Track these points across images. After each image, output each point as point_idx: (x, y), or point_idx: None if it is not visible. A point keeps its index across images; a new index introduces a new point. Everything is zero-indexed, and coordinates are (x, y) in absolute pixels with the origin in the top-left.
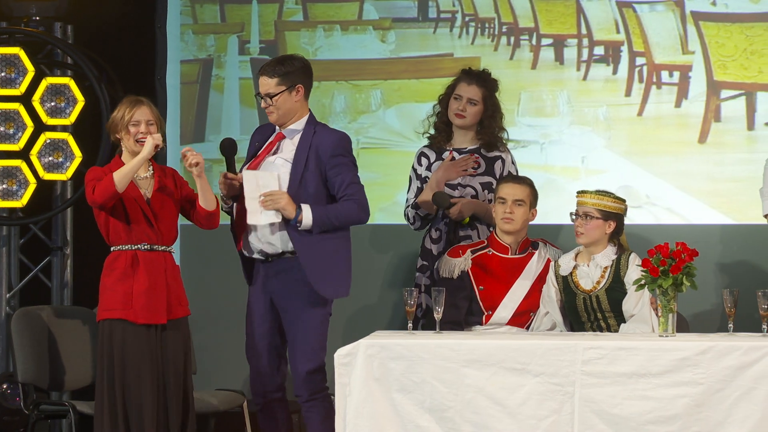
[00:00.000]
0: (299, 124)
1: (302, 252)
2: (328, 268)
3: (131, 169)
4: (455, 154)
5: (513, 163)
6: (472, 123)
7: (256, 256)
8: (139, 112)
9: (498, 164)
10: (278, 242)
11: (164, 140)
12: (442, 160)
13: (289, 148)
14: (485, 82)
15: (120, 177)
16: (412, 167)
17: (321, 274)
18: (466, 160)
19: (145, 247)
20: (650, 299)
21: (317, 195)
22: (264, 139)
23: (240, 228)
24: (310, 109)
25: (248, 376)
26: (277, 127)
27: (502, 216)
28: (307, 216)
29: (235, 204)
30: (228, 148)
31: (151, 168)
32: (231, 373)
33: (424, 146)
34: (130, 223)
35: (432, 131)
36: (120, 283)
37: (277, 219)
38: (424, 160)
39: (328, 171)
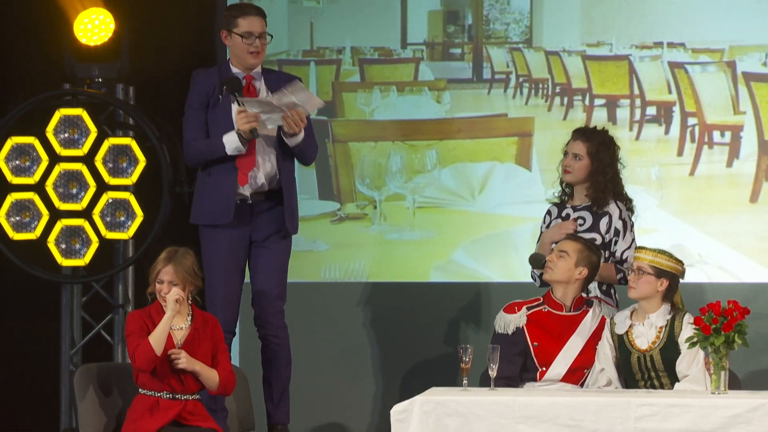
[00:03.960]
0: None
1: (285, 187)
2: (294, 206)
3: (163, 330)
4: (570, 211)
5: (622, 218)
6: (579, 178)
7: (249, 193)
8: (164, 272)
9: (605, 220)
10: (273, 181)
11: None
12: (561, 218)
13: (262, 88)
14: (589, 137)
15: (156, 341)
16: (540, 226)
17: (291, 211)
18: (567, 225)
19: (167, 395)
20: (704, 360)
21: None
22: (213, 85)
23: (247, 167)
24: None
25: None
26: (234, 69)
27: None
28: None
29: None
30: (234, 84)
31: (189, 318)
32: None
33: (551, 203)
34: (156, 372)
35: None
36: (133, 424)
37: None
38: (547, 218)
39: None
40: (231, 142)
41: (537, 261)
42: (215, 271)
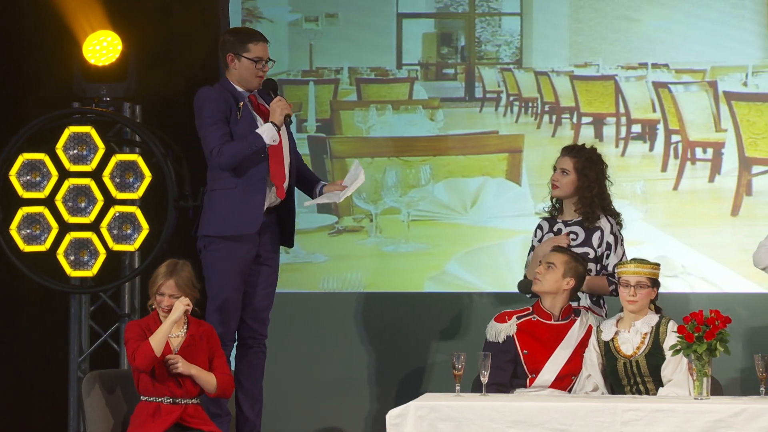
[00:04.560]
0: None
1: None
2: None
3: (164, 333)
4: (562, 226)
5: (613, 233)
6: (567, 193)
7: (267, 206)
8: (166, 286)
9: (596, 235)
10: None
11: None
12: (553, 232)
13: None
14: (577, 153)
15: (156, 342)
16: (531, 240)
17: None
18: (560, 239)
19: (168, 400)
20: (687, 365)
21: None
22: (228, 102)
23: (281, 180)
24: None
25: None
26: (237, 88)
27: (533, 276)
28: None
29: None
30: (273, 86)
31: (185, 326)
32: None
33: (542, 218)
34: (156, 378)
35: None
36: (137, 429)
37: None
38: (539, 232)
39: None
40: (267, 131)
41: (525, 287)
42: (225, 282)
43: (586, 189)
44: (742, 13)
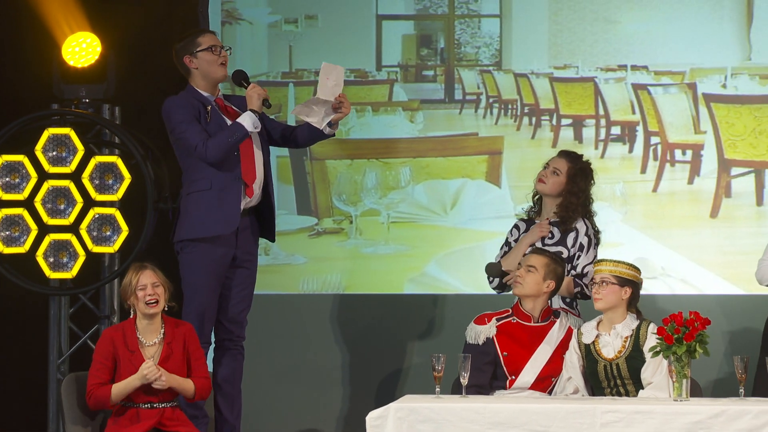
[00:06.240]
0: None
1: (272, 200)
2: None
3: (129, 389)
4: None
5: (588, 235)
6: (551, 192)
7: (243, 207)
8: (144, 277)
9: (572, 235)
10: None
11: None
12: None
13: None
14: (574, 159)
15: (117, 394)
16: (506, 236)
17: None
18: (543, 225)
19: (146, 406)
20: (667, 368)
21: None
22: (195, 106)
23: (252, 179)
24: None
25: None
26: (203, 93)
27: (513, 279)
28: None
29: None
30: (242, 75)
31: (162, 332)
32: None
33: (519, 219)
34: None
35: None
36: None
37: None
38: (515, 232)
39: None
40: (248, 118)
41: (493, 270)
42: (201, 284)
43: (572, 195)
44: (721, 15)
